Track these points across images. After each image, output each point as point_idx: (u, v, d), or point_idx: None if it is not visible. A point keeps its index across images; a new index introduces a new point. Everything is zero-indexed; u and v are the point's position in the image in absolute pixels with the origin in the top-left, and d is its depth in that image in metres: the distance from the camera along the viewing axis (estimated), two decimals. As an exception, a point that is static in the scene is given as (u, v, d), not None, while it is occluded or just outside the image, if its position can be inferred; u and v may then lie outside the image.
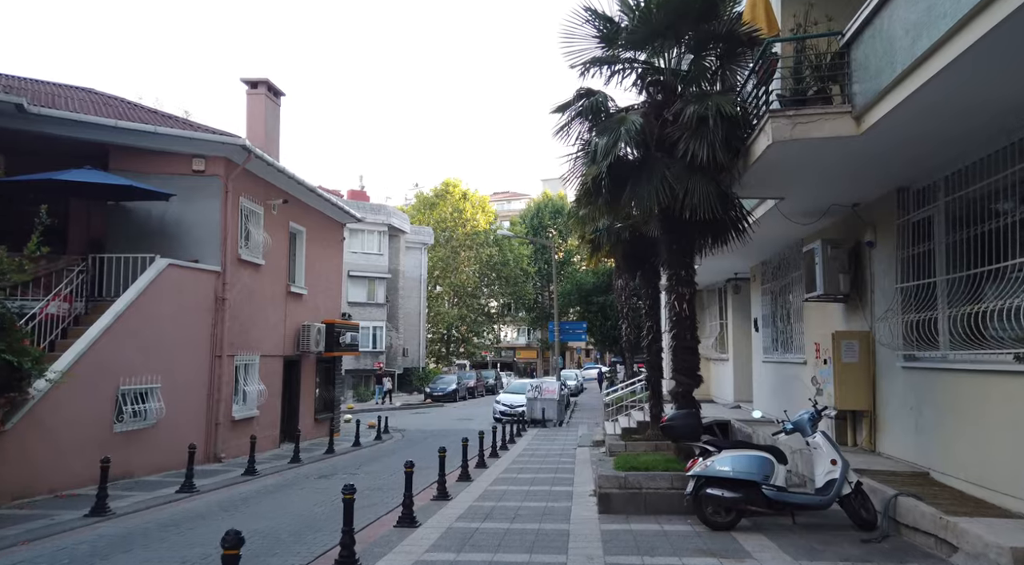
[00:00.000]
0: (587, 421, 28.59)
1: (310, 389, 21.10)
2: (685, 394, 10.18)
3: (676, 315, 10.32)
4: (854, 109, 7.83)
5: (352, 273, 44.63)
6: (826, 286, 11.38)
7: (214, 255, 15.58)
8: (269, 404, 17.96)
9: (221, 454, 15.38)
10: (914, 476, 8.86)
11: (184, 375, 14.42)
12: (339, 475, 14.12)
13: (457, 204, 64.46)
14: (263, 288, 17.74)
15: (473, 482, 12.64)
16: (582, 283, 44.30)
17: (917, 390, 9.35)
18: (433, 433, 24.59)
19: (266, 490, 12.35)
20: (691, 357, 10.26)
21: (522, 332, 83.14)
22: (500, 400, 30.08)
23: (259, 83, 18.73)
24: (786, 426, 8.50)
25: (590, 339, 50.51)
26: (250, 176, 16.80)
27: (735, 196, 10.13)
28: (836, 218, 11.72)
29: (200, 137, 15.19)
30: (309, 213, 20.82)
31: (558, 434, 23.61)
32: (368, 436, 22.42)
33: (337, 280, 23.63)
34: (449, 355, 65.42)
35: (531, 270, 66.86)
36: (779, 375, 16.11)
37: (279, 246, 18.74)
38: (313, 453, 17.72)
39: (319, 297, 21.53)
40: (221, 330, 15.56)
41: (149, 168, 15.21)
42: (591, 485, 12.00)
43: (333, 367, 23.05)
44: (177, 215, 15.38)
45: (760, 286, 17.92)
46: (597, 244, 16.45)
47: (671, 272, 10.43)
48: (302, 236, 20.39)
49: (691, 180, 9.39)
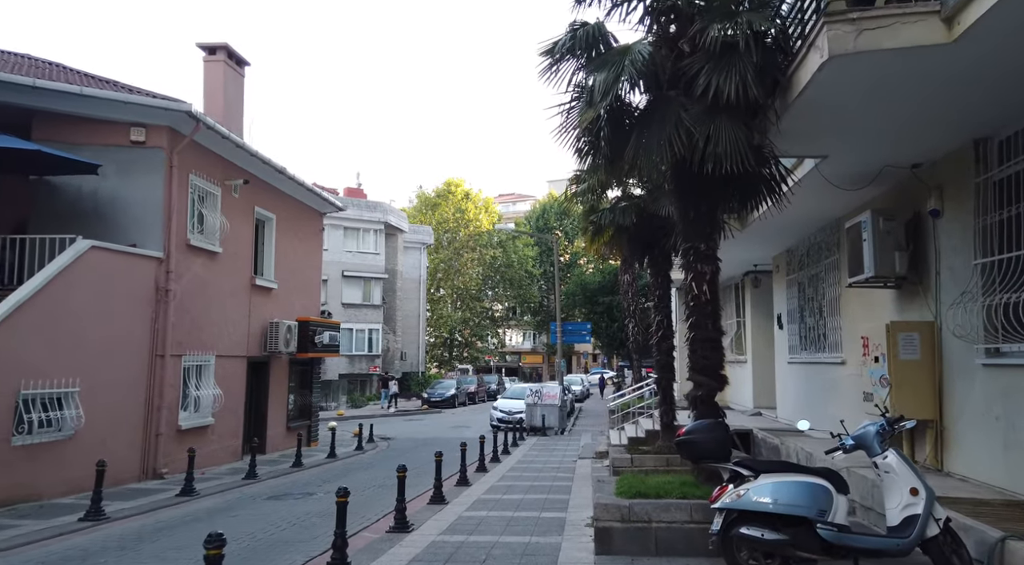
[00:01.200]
0: (591, 429, 26.41)
1: (281, 394, 18.99)
2: (706, 399, 8.02)
3: (694, 300, 8.16)
4: (944, 7, 5.68)
5: (347, 273, 42.62)
6: (877, 267, 9.21)
7: (157, 239, 13.50)
8: (228, 411, 15.86)
9: (163, 469, 13.27)
10: (1009, 507, 6.67)
11: (114, 377, 12.31)
12: (294, 496, 12.00)
13: (459, 204, 62.40)
14: (220, 280, 15.66)
15: (448, 505, 10.52)
16: (587, 283, 42.04)
17: (1006, 394, 7.22)
18: (423, 442, 22.47)
19: (194, 516, 10.23)
20: (713, 352, 8.10)
21: (527, 336, 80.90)
22: (498, 406, 27.90)
23: (218, 49, 16.62)
24: (845, 441, 6.33)
25: (595, 342, 48.26)
26: (201, 151, 14.73)
27: (769, 146, 7.97)
28: (887, 185, 9.60)
29: (137, 101, 13.10)
30: (280, 199, 18.74)
31: (558, 444, 21.45)
32: (349, 446, 20.31)
33: (315, 275, 21.50)
34: (452, 360, 63.26)
35: (536, 272, 64.75)
36: (809, 377, 13.96)
37: (242, 234, 16.67)
38: (277, 467, 15.61)
39: (293, 293, 19.44)
40: (164, 325, 13.45)
41: (80, 138, 13.15)
42: (590, 510, 9.86)
43: (310, 370, 20.92)
44: (111, 193, 13.31)
45: (785, 277, 15.73)
46: (598, 228, 14.34)
47: (687, 246, 8.27)
48: (271, 224, 18.32)
49: (714, 124, 7.24)
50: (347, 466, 16.59)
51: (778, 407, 16.38)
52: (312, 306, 20.87)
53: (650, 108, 7.95)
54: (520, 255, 63.12)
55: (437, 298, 62.19)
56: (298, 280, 19.86)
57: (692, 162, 7.44)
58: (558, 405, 25.03)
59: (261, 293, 17.59)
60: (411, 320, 50.74)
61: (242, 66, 17.60)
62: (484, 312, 65.43)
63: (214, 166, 15.31)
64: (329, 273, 42.06)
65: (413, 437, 24.33)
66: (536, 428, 24.46)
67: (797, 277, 14.79)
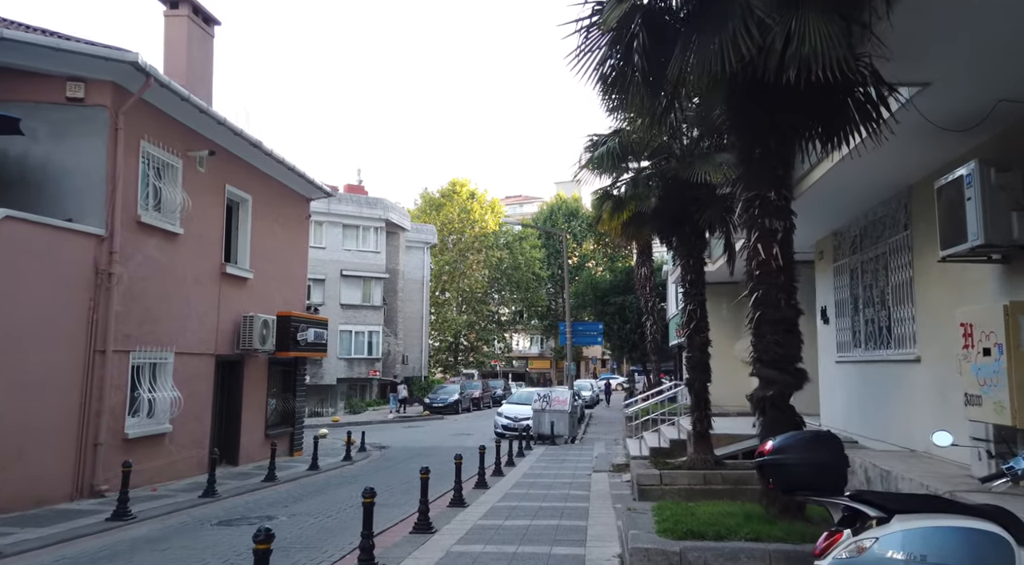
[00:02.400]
0: (604, 437, 24.24)
1: (259, 398, 16.91)
2: (779, 401, 5.89)
3: (760, 267, 6.05)
4: None
5: (345, 272, 40.58)
6: (988, 233, 7.04)
7: (99, 214, 11.46)
8: (191, 417, 13.79)
9: (102, 486, 11.17)
10: None
11: (34, 376, 10.21)
12: (249, 520, 9.85)
13: (465, 204, 60.31)
14: (182, 265, 13.61)
15: (435, 534, 8.41)
16: (597, 283, 39.73)
17: None
18: (419, 451, 20.37)
19: (112, 550, 8.09)
20: (789, 337, 6.00)
21: (535, 341, 78.63)
22: (503, 412, 25.72)
23: (180, 2, 14.58)
24: (1016, 464, 4.22)
25: (606, 345, 46.04)
26: (155, 114, 12.70)
27: (865, 57, 5.83)
28: (1000, 129, 7.48)
29: (72, 48, 11.04)
30: (257, 178, 16.69)
31: (569, 453, 19.31)
32: (337, 455, 18.24)
33: (300, 266, 19.41)
34: (457, 364, 61.09)
35: (544, 274, 62.56)
36: (866, 378, 11.81)
37: (210, 214, 14.64)
38: (247, 481, 13.52)
39: (272, 284, 17.38)
40: (105, 314, 11.37)
41: (2, 93, 11.13)
42: (613, 543, 7.73)
43: (294, 371, 18.83)
44: (44, 158, 11.27)
45: (831, 265, 13.58)
46: (618, 203, 12.22)
47: (751, 196, 6.16)
48: (246, 206, 16.27)
49: (799, 14, 5.15)
50: (328, 480, 14.49)
51: (822, 415, 14.22)
52: (296, 300, 18.81)
53: (701, 4, 5.84)
54: (527, 257, 60.99)
55: (442, 301, 60.12)
56: (279, 271, 17.80)
57: (764, 72, 5.33)
58: (568, 411, 22.86)
59: (233, 283, 15.53)
60: (413, 322, 48.64)
61: (211, 24, 15.52)
62: (490, 315, 63.26)
63: (173, 134, 13.27)
64: (327, 272, 40.06)
65: (409, 446, 22.23)
66: (544, 436, 22.33)
67: (848, 263, 12.64)
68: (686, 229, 11.33)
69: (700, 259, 11.42)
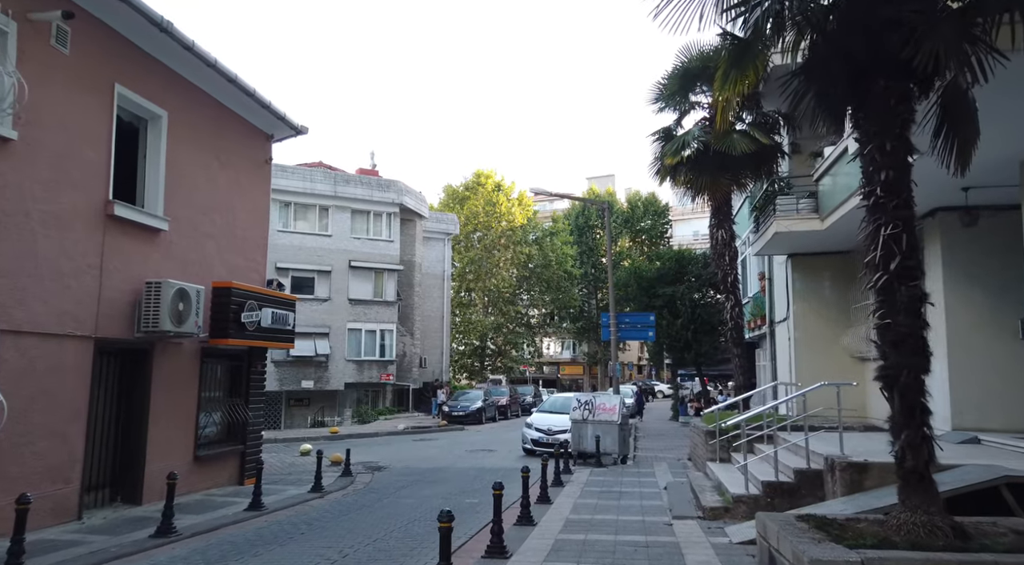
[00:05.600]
0: (663, 456, 18.83)
1: (182, 404, 11.76)
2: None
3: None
4: None
5: (354, 263, 35.58)
6: None
7: None
8: (41, 434, 8.73)
9: None
10: None
11: None
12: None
13: (490, 197, 55.12)
14: (18, 190, 8.57)
15: None
16: (642, 272, 33.90)
17: None
18: (422, 475, 15.13)
19: None
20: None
21: (566, 345, 73.15)
22: (532, 422, 20.32)
23: None
24: None
25: (646, 347, 40.25)
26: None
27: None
28: None
29: None
30: (182, 90, 11.63)
31: (624, 481, 13.98)
32: (303, 484, 13.12)
33: (256, 226, 14.17)
34: (483, 369, 55.84)
35: (576, 272, 57.14)
36: None
37: (83, 123, 9.59)
38: (117, 538, 8.39)
39: (208, 244, 12.31)
40: None
41: None
42: None
43: (245, 367, 13.66)
44: None
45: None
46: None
47: None
48: (158, 125, 11.20)
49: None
50: (260, 533, 9.30)
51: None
52: (249, 271, 13.67)
53: None
54: (559, 253, 55.64)
55: (467, 303, 55.05)
56: (218, 228, 12.70)
57: None
58: (617, 422, 17.48)
59: (132, 233, 10.45)
60: (433, 322, 43.52)
61: None
62: (519, 317, 57.93)
63: (-1, -23, 8.26)
64: (334, 263, 35.07)
65: (413, 466, 16.96)
66: (586, 455, 17.02)
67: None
68: (879, 83, 5.95)
69: (905, 141, 6.01)
